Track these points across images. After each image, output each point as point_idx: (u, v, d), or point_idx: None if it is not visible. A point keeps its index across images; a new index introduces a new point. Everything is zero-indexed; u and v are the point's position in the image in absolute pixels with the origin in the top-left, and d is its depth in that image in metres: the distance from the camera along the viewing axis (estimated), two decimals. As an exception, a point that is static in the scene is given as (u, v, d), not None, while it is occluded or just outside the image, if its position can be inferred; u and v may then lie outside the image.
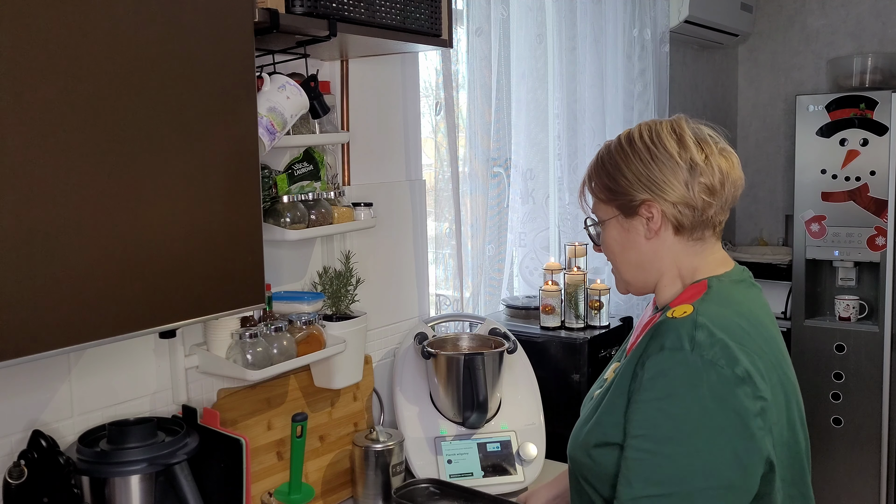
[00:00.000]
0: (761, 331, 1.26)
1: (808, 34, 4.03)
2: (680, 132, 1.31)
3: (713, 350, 1.15)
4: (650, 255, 1.33)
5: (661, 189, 1.29)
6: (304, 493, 1.72)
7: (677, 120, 1.35)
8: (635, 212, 1.31)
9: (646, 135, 1.32)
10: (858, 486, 3.42)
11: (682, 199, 1.29)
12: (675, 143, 1.30)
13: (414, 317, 2.21)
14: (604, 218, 1.36)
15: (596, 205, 1.39)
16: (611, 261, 1.41)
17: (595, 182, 1.37)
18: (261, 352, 1.57)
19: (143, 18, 1.12)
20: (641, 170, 1.30)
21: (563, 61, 2.70)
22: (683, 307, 1.23)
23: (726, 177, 1.31)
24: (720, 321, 1.20)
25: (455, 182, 2.28)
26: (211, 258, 1.24)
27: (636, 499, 1.14)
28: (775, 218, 4.23)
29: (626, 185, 1.31)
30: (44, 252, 1.03)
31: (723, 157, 1.32)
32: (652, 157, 1.30)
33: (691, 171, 1.28)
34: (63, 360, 1.42)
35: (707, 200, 1.29)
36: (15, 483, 1.27)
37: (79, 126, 1.06)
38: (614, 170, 1.32)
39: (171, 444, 1.39)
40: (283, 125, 1.52)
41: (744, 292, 1.32)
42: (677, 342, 1.16)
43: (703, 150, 1.30)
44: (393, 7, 1.56)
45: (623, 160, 1.32)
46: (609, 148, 1.36)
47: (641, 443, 1.15)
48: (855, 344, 3.41)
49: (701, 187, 1.28)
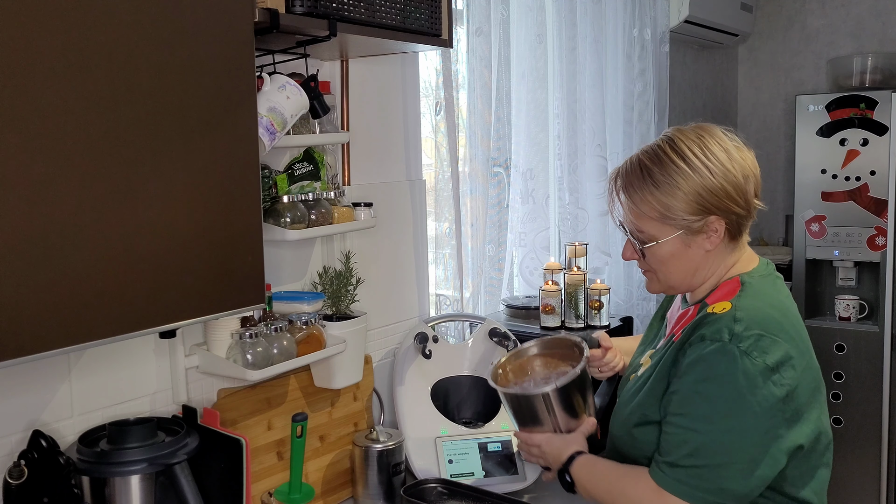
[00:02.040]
0: (791, 319, 1.36)
1: (808, 34, 4.03)
2: (721, 142, 1.35)
3: (748, 341, 1.27)
4: (705, 262, 1.39)
5: (726, 205, 1.33)
6: (304, 493, 1.72)
7: (708, 128, 1.38)
8: (701, 229, 1.35)
9: (696, 149, 1.34)
10: (858, 486, 3.42)
11: (744, 208, 1.35)
12: (726, 155, 1.34)
13: (414, 317, 2.21)
14: (661, 238, 1.37)
15: (646, 222, 1.38)
16: (655, 269, 1.42)
17: (649, 203, 1.36)
18: (261, 352, 1.57)
19: (144, 18, 1.12)
20: (705, 188, 1.32)
21: (563, 61, 2.70)
22: (723, 304, 1.33)
23: (757, 173, 1.39)
24: (756, 314, 1.31)
25: (455, 182, 2.28)
26: (211, 258, 1.24)
27: (672, 464, 1.29)
28: (775, 218, 4.23)
29: (691, 206, 1.33)
30: (44, 252, 1.03)
31: (751, 153, 1.39)
32: (712, 173, 1.32)
33: (746, 179, 1.35)
34: (63, 360, 1.42)
35: (757, 203, 1.38)
36: (15, 483, 1.27)
37: (79, 126, 1.06)
38: (672, 189, 1.33)
39: (171, 444, 1.39)
40: (283, 125, 1.52)
41: (772, 284, 1.41)
42: (717, 334, 1.28)
43: (743, 156, 1.36)
44: (393, 7, 1.56)
45: (684, 179, 1.33)
46: (658, 165, 1.35)
47: (680, 420, 1.30)
48: (855, 344, 3.41)
49: (752, 192, 1.36)
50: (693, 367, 1.29)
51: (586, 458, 1.46)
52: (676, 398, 1.31)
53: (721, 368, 1.26)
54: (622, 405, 1.47)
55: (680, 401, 1.30)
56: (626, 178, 1.39)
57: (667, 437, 1.32)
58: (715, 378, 1.27)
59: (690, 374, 1.29)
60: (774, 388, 1.26)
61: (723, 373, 1.26)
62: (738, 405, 1.25)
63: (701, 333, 1.31)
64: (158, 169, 1.16)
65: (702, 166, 1.33)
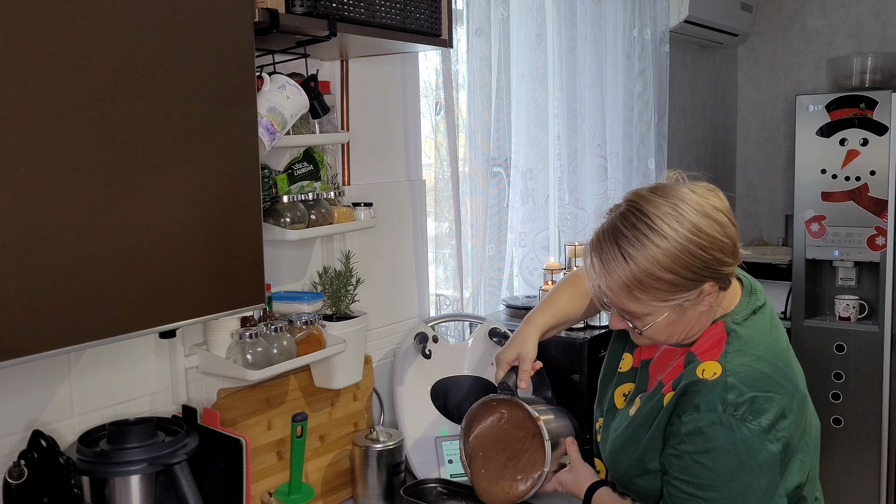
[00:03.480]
0: (781, 363, 1.34)
1: (808, 34, 4.03)
2: (700, 207, 1.27)
3: (742, 409, 1.26)
4: (700, 319, 1.35)
5: (718, 270, 1.29)
6: (304, 493, 1.72)
7: (679, 192, 1.29)
8: (696, 300, 1.30)
9: (682, 229, 1.25)
10: (858, 486, 3.42)
11: (733, 263, 1.31)
12: (714, 223, 1.27)
13: (414, 317, 2.21)
14: (656, 316, 1.31)
15: (636, 306, 1.30)
16: (649, 336, 1.36)
17: (638, 301, 1.29)
18: (261, 352, 1.57)
19: (144, 18, 1.12)
20: (698, 265, 1.26)
21: (563, 61, 2.70)
22: (713, 367, 1.30)
23: (730, 213, 1.33)
24: (747, 374, 1.29)
25: (455, 182, 2.28)
26: (211, 258, 1.24)
27: None
28: (775, 218, 4.23)
29: (685, 284, 1.27)
30: (44, 252, 1.03)
31: (718, 197, 1.32)
32: (702, 248, 1.26)
33: (734, 242, 1.30)
34: (63, 360, 1.42)
35: (742, 250, 1.33)
36: (15, 483, 1.27)
37: (79, 126, 1.06)
38: (665, 275, 1.25)
39: (171, 444, 1.39)
40: (283, 125, 1.52)
41: (757, 325, 1.37)
42: (711, 405, 1.27)
43: (722, 209, 1.31)
44: (393, 7, 1.56)
45: (675, 263, 1.25)
46: (648, 255, 1.25)
47: (683, 486, 1.31)
48: (855, 344, 3.41)
49: (737, 240, 1.32)
50: (692, 438, 1.29)
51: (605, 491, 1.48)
52: (678, 464, 1.31)
53: (719, 440, 1.26)
54: (617, 449, 1.44)
55: (682, 467, 1.31)
56: (608, 274, 1.28)
57: (671, 496, 1.33)
58: (714, 450, 1.26)
59: (689, 445, 1.29)
60: (772, 446, 1.27)
61: (722, 444, 1.26)
62: (738, 471, 1.26)
63: (695, 403, 1.29)
64: (158, 169, 1.16)
65: (691, 245, 1.25)
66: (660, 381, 1.40)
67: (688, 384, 1.31)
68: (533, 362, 1.62)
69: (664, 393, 1.36)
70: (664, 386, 1.37)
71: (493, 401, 1.60)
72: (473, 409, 1.61)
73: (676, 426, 1.32)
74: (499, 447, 1.60)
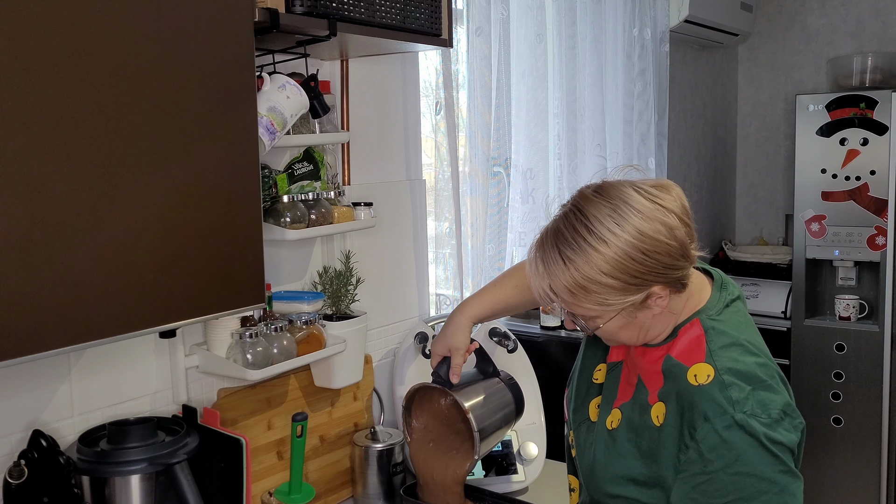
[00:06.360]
0: (763, 357, 1.29)
1: (808, 34, 4.03)
2: (644, 209, 1.20)
3: (748, 404, 1.20)
4: (654, 321, 1.28)
5: (666, 274, 1.22)
6: (304, 493, 1.72)
7: (624, 193, 1.23)
8: (644, 303, 1.23)
9: (623, 234, 1.19)
10: (858, 485, 3.42)
11: (684, 266, 1.23)
12: (660, 226, 1.20)
13: (414, 316, 2.21)
14: (604, 319, 1.25)
15: (582, 309, 1.25)
16: (604, 337, 1.33)
17: (581, 307, 1.24)
18: (261, 351, 1.57)
19: (144, 18, 1.12)
20: (642, 270, 1.19)
21: (563, 61, 2.70)
22: (704, 369, 1.24)
23: (688, 212, 1.25)
24: (740, 370, 1.24)
25: (455, 182, 2.28)
26: (211, 258, 1.24)
27: None
28: (775, 217, 4.23)
29: (629, 289, 1.21)
30: (44, 252, 1.03)
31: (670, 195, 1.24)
32: (645, 253, 1.19)
33: (683, 245, 1.22)
34: (63, 360, 1.42)
35: (696, 252, 1.25)
36: (15, 483, 1.27)
37: (79, 126, 1.06)
38: (607, 280, 1.19)
39: (171, 444, 1.39)
40: (283, 125, 1.52)
41: (733, 318, 1.32)
42: (719, 409, 1.21)
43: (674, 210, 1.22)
44: (393, 7, 1.56)
45: (616, 268, 1.19)
46: (588, 260, 1.19)
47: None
48: (855, 344, 3.41)
49: (691, 244, 1.23)
50: (715, 452, 1.20)
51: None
52: (714, 488, 1.21)
53: (741, 445, 1.19)
54: (597, 464, 1.36)
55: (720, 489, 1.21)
56: (550, 276, 1.23)
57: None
58: (745, 453, 1.19)
59: (717, 461, 1.21)
60: (791, 434, 1.22)
61: (748, 444, 1.19)
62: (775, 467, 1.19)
63: (703, 413, 1.21)
64: (158, 168, 1.16)
65: (634, 250, 1.19)
66: (644, 389, 1.32)
67: (686, 397, 1.25)
68: (464, 352, 1.63)
69: (650, 403, 1.29)
70: (648, 394, 1.30)
71: (428, 387, 1.66)
72: (411, 392, 1.67)
73: (693, 449, 1.22)
74: (438, 431, 1.69)
